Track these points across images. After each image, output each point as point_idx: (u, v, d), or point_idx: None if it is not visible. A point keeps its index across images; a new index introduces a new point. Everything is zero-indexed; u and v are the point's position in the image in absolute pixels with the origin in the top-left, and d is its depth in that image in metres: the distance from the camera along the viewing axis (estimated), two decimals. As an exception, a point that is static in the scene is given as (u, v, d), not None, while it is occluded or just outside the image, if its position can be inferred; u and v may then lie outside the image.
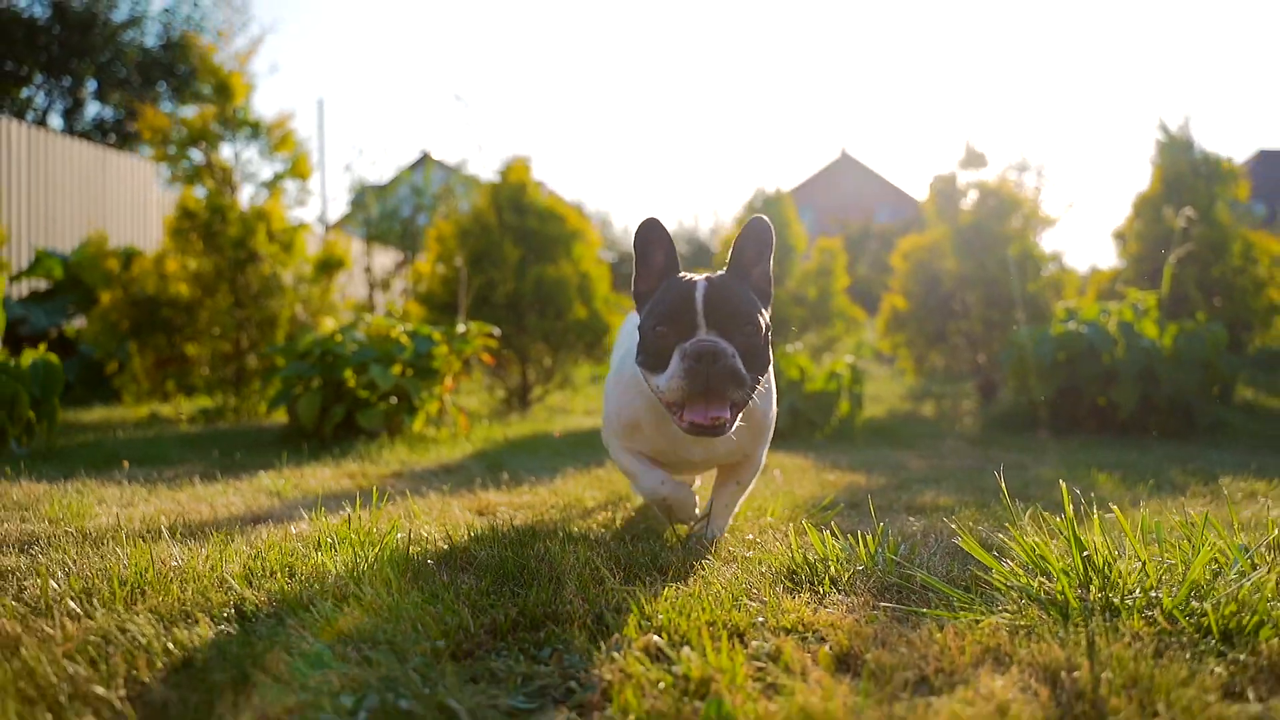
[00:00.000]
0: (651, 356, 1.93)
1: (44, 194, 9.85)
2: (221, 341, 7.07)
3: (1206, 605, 1.46)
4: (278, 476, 3.53)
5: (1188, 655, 1.34)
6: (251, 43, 7.34)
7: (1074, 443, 5.36)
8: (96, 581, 1.68)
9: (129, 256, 7.54)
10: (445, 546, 2.05)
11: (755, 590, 1.69)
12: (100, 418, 6.77)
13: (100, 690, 1.18)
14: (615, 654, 1.32)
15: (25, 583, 1.70)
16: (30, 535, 2.21)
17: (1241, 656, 1.34)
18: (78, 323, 9.16)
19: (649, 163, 78.06)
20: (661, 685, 1.22)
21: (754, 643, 1.41)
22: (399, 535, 2.07)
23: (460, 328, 5.34)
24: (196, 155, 7.15)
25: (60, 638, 1.35)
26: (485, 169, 35.45)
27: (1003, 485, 2.12)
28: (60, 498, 2.87)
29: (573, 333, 7.75)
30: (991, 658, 1.34)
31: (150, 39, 22.25)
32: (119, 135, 21.63)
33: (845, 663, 1.36)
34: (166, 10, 22.47)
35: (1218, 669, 1.30)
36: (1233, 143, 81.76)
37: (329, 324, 5.33)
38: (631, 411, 2.20)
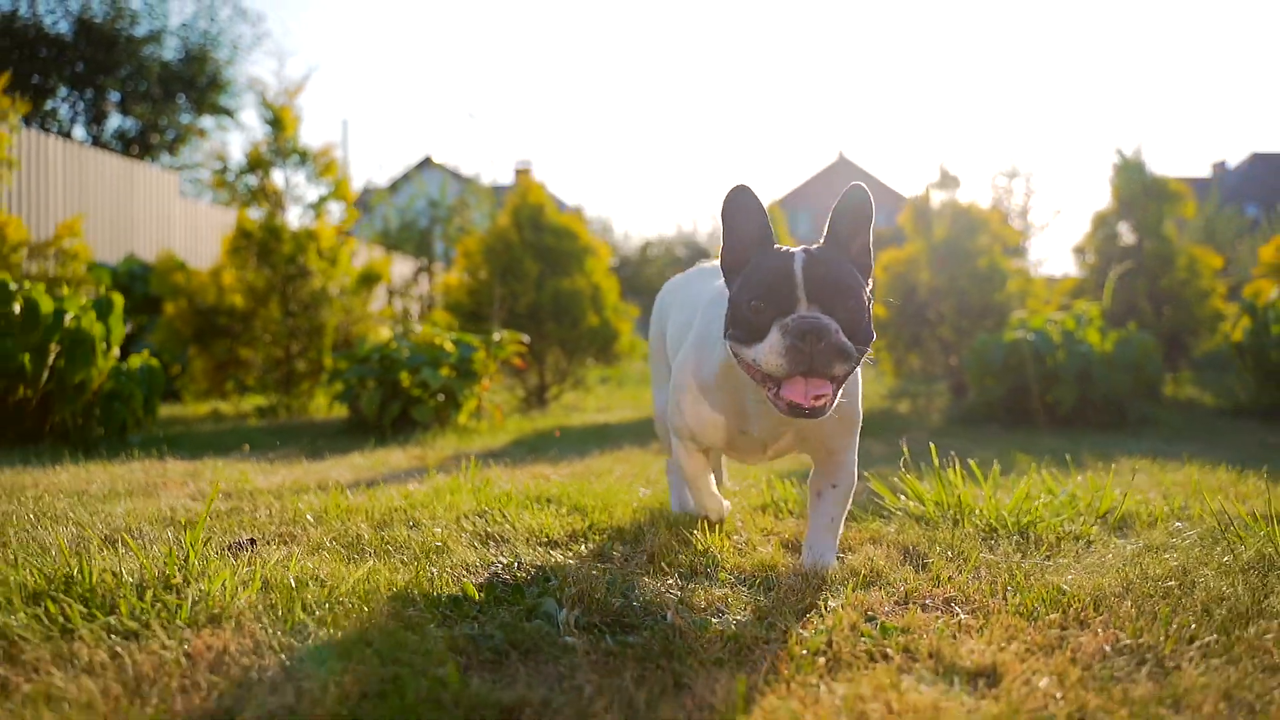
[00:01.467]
0: (745, 330, 1.83)
1: (79, 205, 10.56)
2: (273, 347, 7.97)
3: (1010, 515, 2.38)
4: (365, 456, 4.44)
5: (995, 540, 2.26)
6: (300, 80, 8.22)
7: (1020, 433, 6.26)
8: (367, 514, 2.58)
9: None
10: (531, 491, 2.96)
11: (738, 515, 2.60)
12: (169, 414, 7.66)
13: (469, 588, 2.08)
14: (656, 536, 2.23)
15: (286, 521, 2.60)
16: (252, 494, 3.10)
17: (1027, 537, 2.25)
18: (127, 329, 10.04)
19: (648, 167, 78.96)
20: (682, 555, 2.13)
21: (734, 536, 2.32)
22: (499, 486, 2.98)
23: (496, 336, 6.25)
24: (252, 180, 8.05)
25: (410, 543, 2.26)
26: (493, 176, 36.21)
27: (905, 450, 3.03)
28: (214, 470, 3.77)
29: (586, 339, 8.66)
30: (872, 540, 2.25)
31: (169, 53, 23.14)
32: (141, 146, 22.55)
33: (791, 546, 2.27)
34: (184, 25, 23.35)
35: (1008, 546, 2.21)
36: (1197, 157, 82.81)
37: (384, 333, 6.20)
38: (706, 407, 2.14)
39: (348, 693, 1.23)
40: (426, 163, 42.24)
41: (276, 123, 8.14)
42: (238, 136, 24.89)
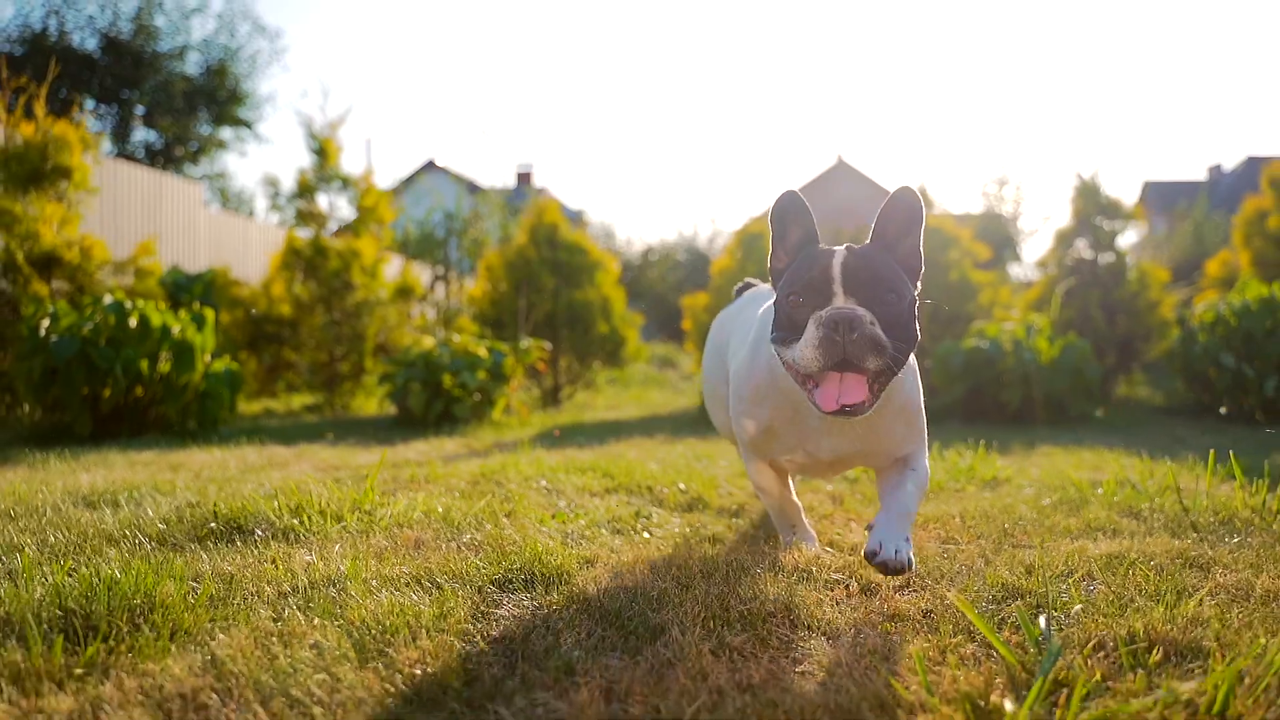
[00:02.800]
0: (786, 329, 1.84)
1: (113, 216, 11.39)
2: (318, 351, 8.98)
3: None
4: (425, 444, 5.45)
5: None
6: (341, 115, 9.23)
7: (976, 427, 7.26)
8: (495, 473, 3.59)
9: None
10: (571, 463, 3.96)
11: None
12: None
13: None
14: (665, 488, 3.23)
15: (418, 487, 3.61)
16: (353, 468, 4.10)
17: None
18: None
19: (648, 169, 79.96)
20: (682, 490, 3.13)
21: (723, 487, 3.34)
22: (547, 461, 3.98)
23: (523, 344, 7.27)
24: (301, 204, 9.06)
25: (499, 493, 3.27)
26: (496, 180, 37.08)
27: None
28: (316, 453, 4.77)
29: (596, 344, 9.68)
30: (811, 490, 3.27)
31: (191, 67, 24.15)
32: (165, 158, 23.58)
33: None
34: (206, 41, 24.36)
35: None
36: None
37: (427, 341, 7.18)
38: (764, 410, 2.09)
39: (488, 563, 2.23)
40: (430, 166, 43.24)
41: (321, 152, 9.16)
42: (255, 148, 26.17)
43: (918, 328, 1.84)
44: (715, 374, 2.72)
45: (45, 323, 5.70)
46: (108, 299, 5.92)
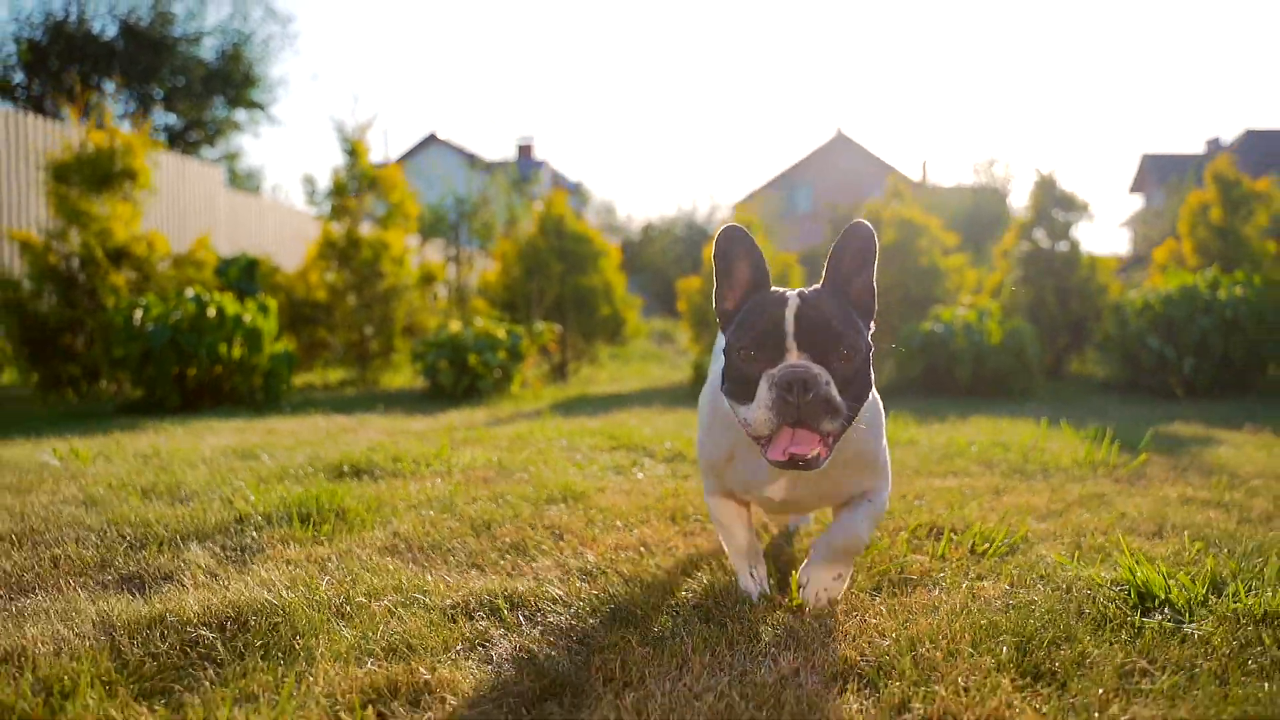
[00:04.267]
0: (737, 384, 1.78)
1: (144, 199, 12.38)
2: (351, 332, 10.07)
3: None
4: (457, 413, 6.55)
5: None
6: (369, 120, 10.24)
7: (931, 400, 8.37)
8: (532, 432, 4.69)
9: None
10: (585, 428, 5.06)
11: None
12: (273, 385, 9.78)
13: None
14: (646, 463, 4.34)
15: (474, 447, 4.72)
16: (410, 431, 5.20)
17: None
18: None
19: (647, 140, 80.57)
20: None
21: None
22: (565, 426, 5.09)
23: (538, 326, 8.36)
24: (335, 200, 10.11)
25: (535, 447, 4.38)
26: (497, 154, 37.74)
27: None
28: (374, 420, 5.88)
29: (599, 325, 10.77)
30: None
31: (207, 53, 25.04)
32: (183, 142, 24.54)
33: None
34: (221, 27, 25.22)
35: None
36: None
37: (453, 325, 8.25)
38: (721, 447, 2.05)
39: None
40: (432, 139, 43.99)
41: (353, 153, 10.19)
42: (268, 129, 27.13)
43: (872, 379, 1.83)
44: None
45: (138, 313, 6.79)
46: (189, 292, 7.01)
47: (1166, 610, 1.90)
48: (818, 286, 1.85)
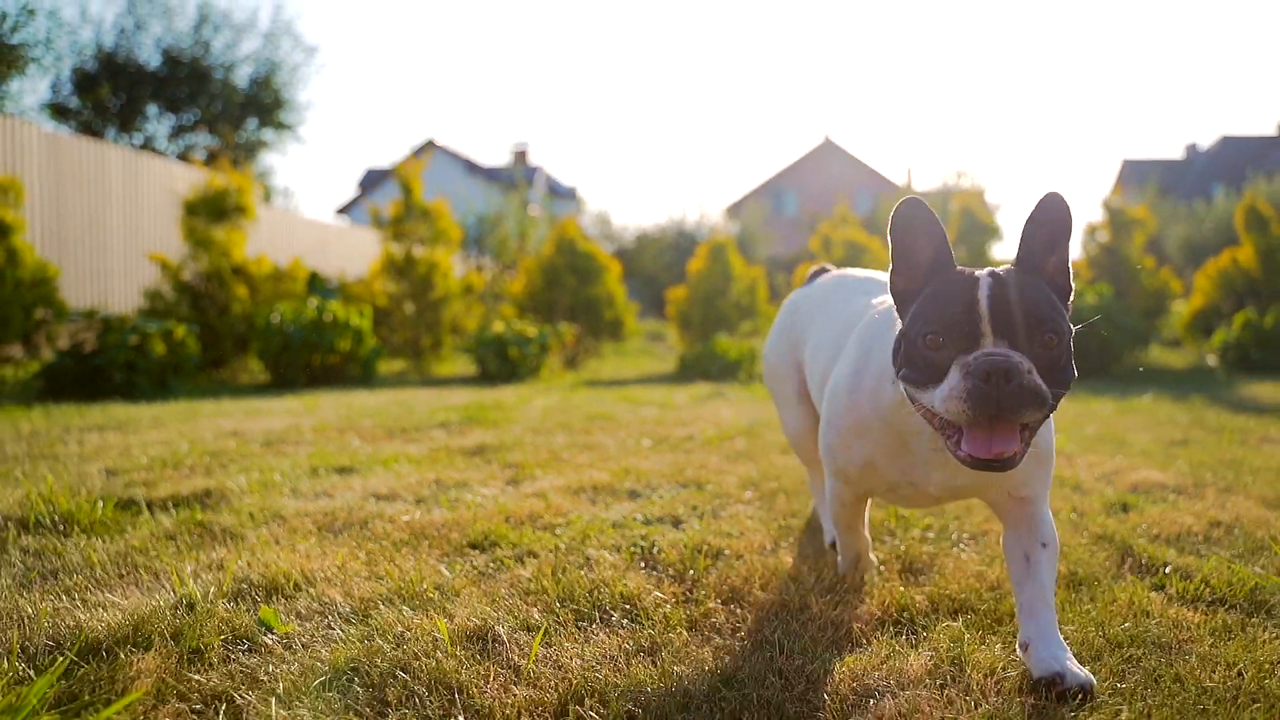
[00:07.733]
0: (921, 371, 1.60)
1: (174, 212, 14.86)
2: (407, 332, 12.67)
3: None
4: (510, 389, 9.14)
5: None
6: (420, 156, 12.82)
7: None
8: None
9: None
10: (604, 397, 7.66)
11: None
12: (347, 374, 12.38)
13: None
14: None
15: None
16: (487, 396, 7.80)
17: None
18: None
19: (639, 145, 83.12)
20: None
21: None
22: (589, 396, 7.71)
23: (560, 328, 11.00)
24: (394, 227, 12.69)
25: (579, 408, 7.00)
26: (494, 159, 40.21)
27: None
28: (455, 392, 8.47)
29: (604, 326, 13.42)
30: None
31: (242, 80, 27.61)
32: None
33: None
34: (251, 57, 27.79)
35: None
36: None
37: (499, 325, 10.81)
38: (866, 444, 1.88)
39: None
40: (430, 146, 46.29)
41: (407, 188, 12.79)
42: (295, 148, 29.82)
43: (1074, 365, 1.61)
44: (780, 359, 2.67)
45: (276, 318, 9.37)
46: (312, 303, 9.61)
47: None
48: (1009, 266, 1.66)
